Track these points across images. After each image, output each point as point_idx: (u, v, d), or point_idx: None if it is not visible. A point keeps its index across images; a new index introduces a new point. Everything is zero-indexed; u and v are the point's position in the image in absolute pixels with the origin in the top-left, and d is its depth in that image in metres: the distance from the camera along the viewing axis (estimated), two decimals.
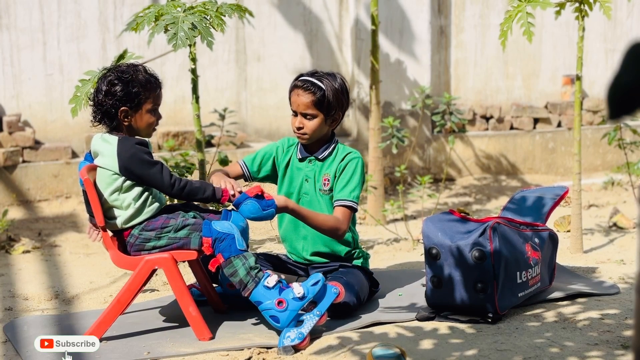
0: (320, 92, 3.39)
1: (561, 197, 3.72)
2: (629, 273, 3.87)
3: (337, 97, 3.42)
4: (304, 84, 3.42)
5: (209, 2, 4.04)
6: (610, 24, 6.78)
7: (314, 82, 3.41)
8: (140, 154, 3.09)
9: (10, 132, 5.55)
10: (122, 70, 3.16)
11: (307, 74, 3.47)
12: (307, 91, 3.40)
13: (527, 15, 3.93)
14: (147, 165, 3.09)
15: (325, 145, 3.50)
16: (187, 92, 5.98)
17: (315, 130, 3.43)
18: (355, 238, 3.59)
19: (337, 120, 3.49)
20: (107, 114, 3.15)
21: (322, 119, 3.42)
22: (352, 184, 3.41)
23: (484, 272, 3.17)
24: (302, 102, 3.40)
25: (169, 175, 3.11)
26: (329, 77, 3.44)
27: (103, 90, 3.14)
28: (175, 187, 3.11)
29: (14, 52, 5.69)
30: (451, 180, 6.47)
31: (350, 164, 3.45)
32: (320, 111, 3.41)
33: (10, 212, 5.29)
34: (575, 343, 2.94)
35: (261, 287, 3.04)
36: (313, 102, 3.39)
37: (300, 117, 3.43)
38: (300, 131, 3.44)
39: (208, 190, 3.16)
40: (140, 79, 3.15)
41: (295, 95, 3.44)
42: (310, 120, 3.42)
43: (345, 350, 2.94)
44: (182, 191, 3.12)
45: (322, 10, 6.32)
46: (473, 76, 6.65)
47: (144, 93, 3.14)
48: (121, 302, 3.15)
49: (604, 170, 6.74)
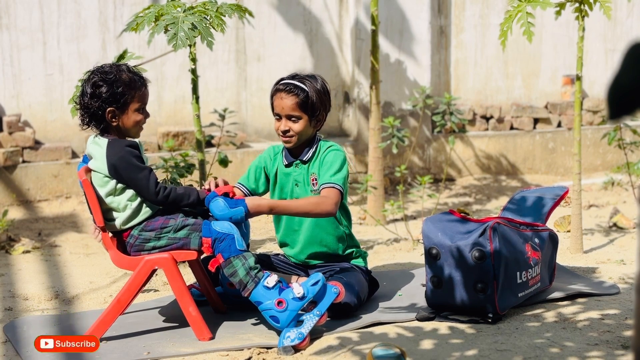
0: (303, 94, 3.41)
1: (561, 197, 3.72)
2: (629, 273, 3.87)
3: (320, 97, 3.44)
4: (286, 86, 3.43)
5: (209, 2, 4.04)
6: (610, 24, 6.78)
7: (296, 84, 3.43)
8: (128, 156, 3.08)
9: (10, 132, 5.55)
10: (105, 71, 3.15)
11: (288, 77, 3.49)
12: (290, 93, 3.41)
13: (527, 15, 3.93)
14: (135, 169, 3.08)
15: (307, 148, 3.51)
16: (187, 92, 5.98)
17: (301, 132, 3.43)
18: (349, 234, 3.58)
19: (321, 121, 3.51)
20: (95, 116, 3.15)
21: (307, 120, 3.43)
22: (332, 169, 3.41)
23: (484, 272, 3.17)
24: (287, 104, 3.41)
25: (154, 183, 3.09)
26: (310, 78, 3.47)
27: (88, 93, 3.14)
28: (159, 195, 3.10)
29: (14, 52, 5.69)
30: (451, 180, 6.47)
31: (328, 155, 3.46)
32: (305, 112, 3.42)
33: (10, 212, 5.29)
34: (575, 343, 2.94)
35: (261, 287, 3.04)
36: (297, 104, 3.41)
37: (285, 120, 3.44)
38: (287, 135, 3.44)
39: (192, 195, 3.16)
40: (124, 79, 3.14)
41: (278, 98, 3.45)
42: (295, 123, 3.43)
43: (345, 351, 2.95)
44: (166, 199, 3.11)
45: (322, 10, 6.32)
46: (473, 76, 6.65)
47: (130, 92, 3.13)
48: (121, 302, 3.15)
49: (604, 170, 6.74)
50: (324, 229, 3.51)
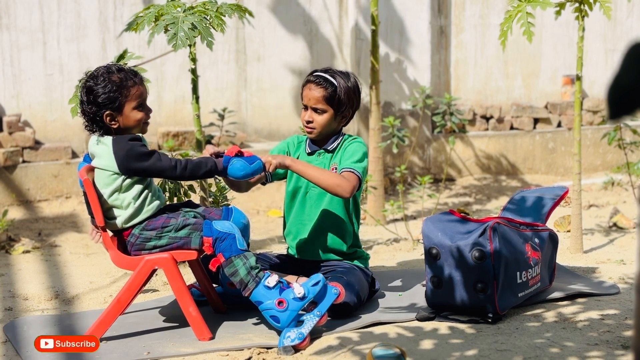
0: (331, 88, 3.44)
1: (561, 197, 3.72)
2: (629, 273, 3.87)
3: (348, 94, 3.47)
4: (316, 78, 3.47)
5: (209, 2, 4.04)
6: (610, 24, 6.78)
7: (327, 77, 3.47)
8: (136, 148, 3.08)
9: (10, 132, 5.55)
10: (95, 76, 3.14)
11: (321, 70, 3.53)
12: (319, 86, 3.45)
13: (527, 15, 3.94)
14: (145, 157, 3.08)
15: (333, 137, 3.53)
16: (187, 92, 5.98)
17: (324, 125, 3.46)
18: (356, 233, 3.59)
19: (346, 117, 3.53)
20: (94, 122, 3.15)
21: (331, 114, 3.46)
22: (355, 157, 3.42)
23: (484, 272, 3.17)
24: (314, 96, 3.45)
25: (168, 159, 3.10)
26: (342, 74, 3.51)
27: (85, 101, 3.14)
28: (178, 169, 3.09)
29: (14, 52, 5.69)
30: (451, 180, 6.47)
31: (352, 144, 3.49)
32: (331, 106, 3.45)
33: (10, 212, 5.29)
34: (575, 343, 2.94)
35: (262, 287, 3.05)
36: (324, 97, 3.44)
37: (310, 111, 3.48)
38: (309, 125, 3.47)
39: (210, 162, 3.15)
40: (115, 80, 3.13)
41: (307, 89, 3.48)
42: (320, 115, 3.46)
43: (345, 351, 2.95)
44: (185, 170, 3.10)
45: (322, 11, 6.32)
46: (473, 76, 6.65)
47: (122, 92, 3.12)
48: (121, 302, 3.15)
49: (604, 170, 6.74)
50: (334, 222, 3.51)
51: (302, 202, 3.56)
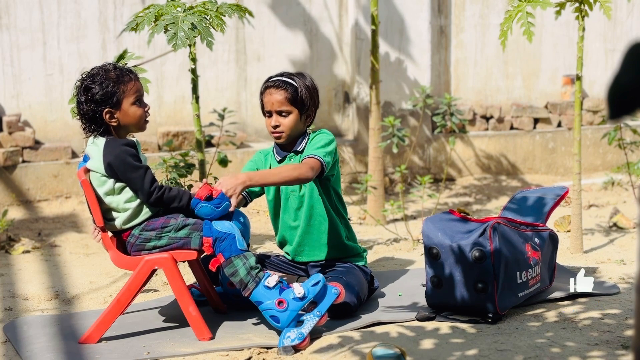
0: (292, 89, 3.45)
1: (561, 197, 3.72)
2: (629, 273, 3.87)
3: (309, 92, 3.49)
4: (275, 83, 3.49)
5: (209, 2, 4.04)
6: (610, 24, 6.78)
7: (285, 80, 3.48)
8: (124, 155, 3.07)
9: (10, 132, 5.55)
10: (92, 74, 3.16)
11: (275, 75, 3.54)
12: (279, 89, 3.46)
13: (527, 15, 3.93)
14: (130, 168, 3.08)
15: (300, 139, 3.53)
16: (187, 92, 5.98)
17: (291, 127, 3.46)
18: (346, 222, 3.60)
19: (310, 116, 3.54)
20: (94, 121, 3.15)
21: (297, 115, 3.47)
22: (317, 145, 3.42)
23: (484, 272, 3.17)
24: (276, 99, 3.46)
25: (150, 182, 3.08)
26: (297, 75, 3.53)
27: (83, 100, 3.15)
28: (153, 196, 3.09)
29: (14, 52, 5.69)
30: (451, 180, 6.47)
31: (317, 136, 3.48)
32: (295, 107, 3.46)
33: (10, 212, 5.29)
34: (576, 343, 2.94)
35: (262, 287, 3.05)
36: (287, 99, 3.45)
37: (275, 116, 3.47)
38: (277, 130, 3.47)
39: (184, 198, 3.14)
40: (112, 77, 3.14)
41: (267, 95, 3.49)
42: (286, 117, 3.46)
43: (345, 350, 2.94)
44: (158, 200, 3.10)
45: (322, 10, 6.32)
46: (473, 76, 6.65)
47: (120, 88, 3.13)
48: (121, 302, 3.15)
49: (604, 170, 6.74)
50: (321, 218, 3.51)
51: (285, 207, 3.56)
